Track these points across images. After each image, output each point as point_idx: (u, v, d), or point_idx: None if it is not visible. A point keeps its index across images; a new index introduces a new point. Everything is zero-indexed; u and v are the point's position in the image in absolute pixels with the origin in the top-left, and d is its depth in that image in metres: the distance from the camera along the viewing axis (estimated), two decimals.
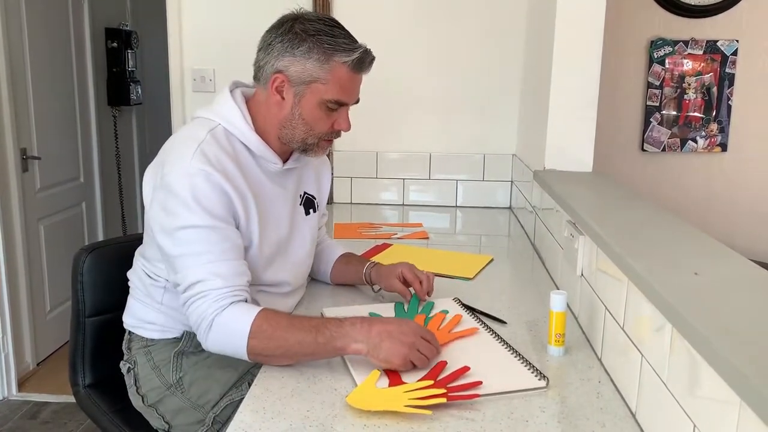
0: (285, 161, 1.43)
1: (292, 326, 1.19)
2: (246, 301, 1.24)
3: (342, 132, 1.39)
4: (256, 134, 1.35)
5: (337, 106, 1.33)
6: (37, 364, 3.22)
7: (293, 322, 1.20)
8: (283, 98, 1.33)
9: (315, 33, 1.28)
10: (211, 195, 1.23)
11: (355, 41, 1.33)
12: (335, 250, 1.70)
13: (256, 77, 1.37)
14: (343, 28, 1.33)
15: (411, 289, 1.52)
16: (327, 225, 1.93)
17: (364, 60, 1.31)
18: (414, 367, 1.17)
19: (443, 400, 1.07)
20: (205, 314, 1.20)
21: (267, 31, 1.34)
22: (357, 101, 1.39)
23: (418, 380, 1.14)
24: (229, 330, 1.19)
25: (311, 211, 1.54)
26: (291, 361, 1.21)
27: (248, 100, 1.39)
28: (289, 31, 1.29)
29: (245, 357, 1.20)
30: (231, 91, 1.38)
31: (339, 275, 1.67)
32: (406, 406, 1.05)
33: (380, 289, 1.58)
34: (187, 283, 1.22)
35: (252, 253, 1.34)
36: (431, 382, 1.13)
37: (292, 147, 1.39)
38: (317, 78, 1.29)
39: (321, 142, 1.38)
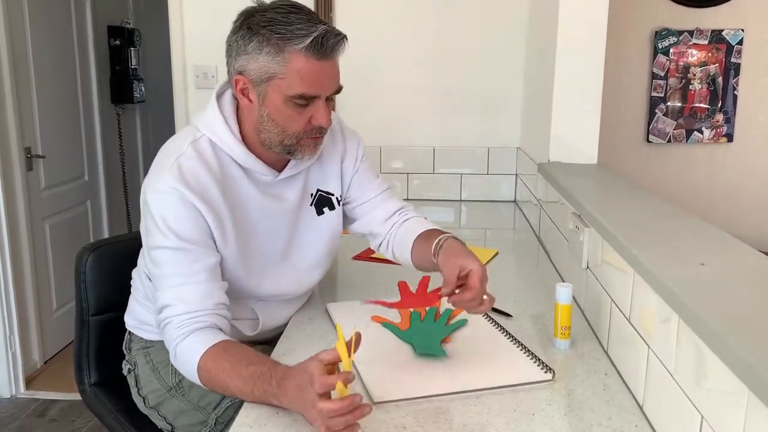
0: (283, 168, 1.33)
1: (234, 372, 1.08)
2: (214, 326, 1.17)
3: (323, 128, 1.24)
4: (242, 145, 1.25)
5: (306, 101, 1.19)
6: (45, 362, 3.23)
7: (236, 368, 1.08)
8: (250, 101, 1.22)
9: (266, 24, 1.15)
10: (183, 215, 1.18)
11: (315, 23, 1.16)
12: (415, 228, 1.42)
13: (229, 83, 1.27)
14: (301, 12, 1.17)
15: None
16: None
17: (323, 43, 1.15)
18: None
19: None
20: (170, 341, 1.17)
21: (228, 33, 1.22)
22: (338, 90, 1.23)
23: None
24: (185, 361, 1.15)
25: (326, 209, 1.42)
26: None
27: (238, 105, 1.28)
28: (241, 26, 1.19)
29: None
30: (219, 96, 1.29)
31: (418, 258, 1.39)
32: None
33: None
34: (159, 306, 1.20)
35: (235, 269, 1.28)
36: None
37: (274, 152, 1.26)
38: (274, 73, 1.17)
39: (303, 141, 1.24)
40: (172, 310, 1.17)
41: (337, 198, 1.45)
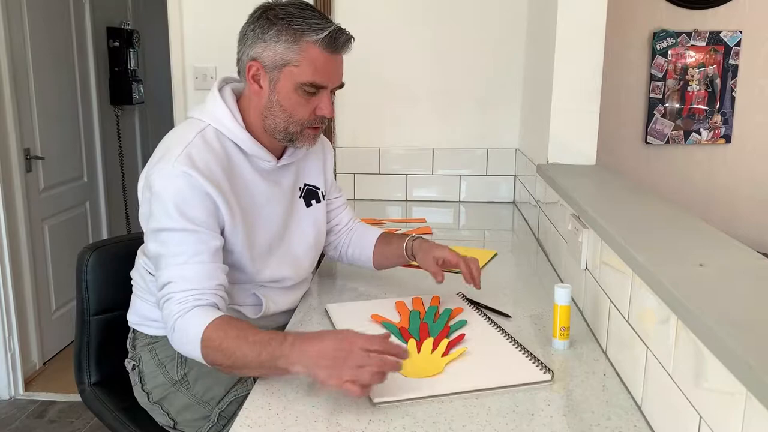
0: (280, 156, 1.42)
1: (240, 338, 1.12)
2: (214, 305, 1.21)
3: (326, 118, 1.35)
4: (246, 132, 1.34)
5: (315, 90, 1.29)
6: (44, 364, 3.23)
7: (242, 335, 1.13)
8: (260, 87, 1.31)
9: (285, 16, 1.26)
10: (192, 198, 1.23)
11: (328, 20, 1.29)
12: (371, 232, 1.65)
13: (238, 72, 1.36)
14: (315, 10, 1.30)
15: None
16: None
17: (336, 38, 1.27)
18: (355, 384, 1.02)
19: (465, 348, 1.25)
20: (169, 316, 1.20)
21: (244, 24, 1.33)
22: (341, 85, 1.35)
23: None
24: (186, 335, 1.18)
25: (313, 202, 1.53)
26: (242, 374, 1.23)
27: (240, 97, 1.38)
28: (260, 17, 1.29)
29: (205, 362, 1.18)
30: (221, 89, 1.37)
31: (381, 258, 1.62)
32: (446, 364, 1.19)
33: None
34: (160, 284, 1.23)
35: (242, 253, 1.34)
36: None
37: (276, 138, 1.35)
38: (289, 60, 1.27)
39: (305, 131, 1.34)
40: (174, 287, 1.21)
41: (322, 192, 1.55)
